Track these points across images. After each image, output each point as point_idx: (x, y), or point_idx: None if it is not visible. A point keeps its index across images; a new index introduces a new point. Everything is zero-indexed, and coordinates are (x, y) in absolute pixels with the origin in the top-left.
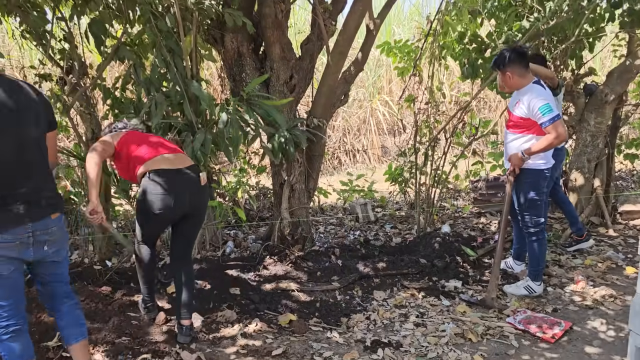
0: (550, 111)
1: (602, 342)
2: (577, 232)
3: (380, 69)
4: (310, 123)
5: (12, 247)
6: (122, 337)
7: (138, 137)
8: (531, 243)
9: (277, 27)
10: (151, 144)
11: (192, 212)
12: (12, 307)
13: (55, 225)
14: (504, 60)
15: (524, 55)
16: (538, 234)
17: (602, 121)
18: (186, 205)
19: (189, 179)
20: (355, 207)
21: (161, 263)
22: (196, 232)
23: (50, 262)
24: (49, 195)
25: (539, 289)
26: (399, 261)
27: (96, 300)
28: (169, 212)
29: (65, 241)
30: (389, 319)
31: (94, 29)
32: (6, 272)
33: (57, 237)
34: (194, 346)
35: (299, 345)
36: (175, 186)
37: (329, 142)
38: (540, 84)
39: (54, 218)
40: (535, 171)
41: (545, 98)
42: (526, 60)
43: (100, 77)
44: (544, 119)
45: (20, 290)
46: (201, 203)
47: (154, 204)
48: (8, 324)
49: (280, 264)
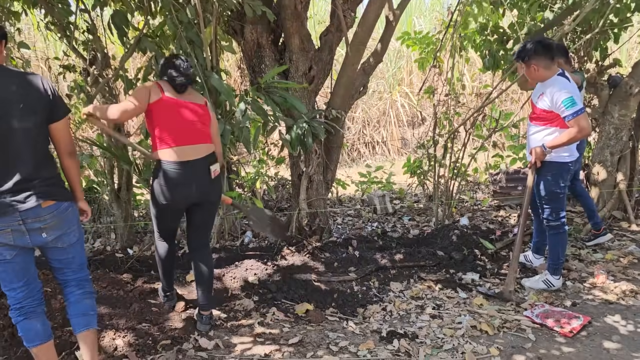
0: (574, 105)
1: (622, 338)
2: (594, 226)
3: (400, 60)
4: (329, 114)
5: (7, 233)
6: (142, 323)
7: (171, 109)
8: (552, 236)
9: (297, 18)
10: (178, 128)
11: (202, 202)
12: (25, 289)
13: (48, 213)
14: (528, 52)
15: (549, 47)
16: (559, 228)
17: (627, 114)
18: (192, 196)
19: (198, 171)
20: (373, 198)
21: (181, 252)
22: (208, 222)
23: (54, 249)
24: (41, 184)
25: (558, 283)
26: (416, 253)
27: (117, 287)
28: (173, 205)
29: (71, 228)
30: (405, 310)
31: (117, 20)
32: (9, 257)
33: (55, 224)
34: (212, 333)
35: (315, 334)
36: (182, 179)
37: (349, 133)
38: (565, 75)
39: (44, 207)
40: (559, 164)
41: (570, 91)
42: (552, 52)
43: (122, 68)
44: (567, 112)
45: (30, 273)
46: (210, 194)
47: (159, 195)
48: (22, 306)
49: (297, 255)
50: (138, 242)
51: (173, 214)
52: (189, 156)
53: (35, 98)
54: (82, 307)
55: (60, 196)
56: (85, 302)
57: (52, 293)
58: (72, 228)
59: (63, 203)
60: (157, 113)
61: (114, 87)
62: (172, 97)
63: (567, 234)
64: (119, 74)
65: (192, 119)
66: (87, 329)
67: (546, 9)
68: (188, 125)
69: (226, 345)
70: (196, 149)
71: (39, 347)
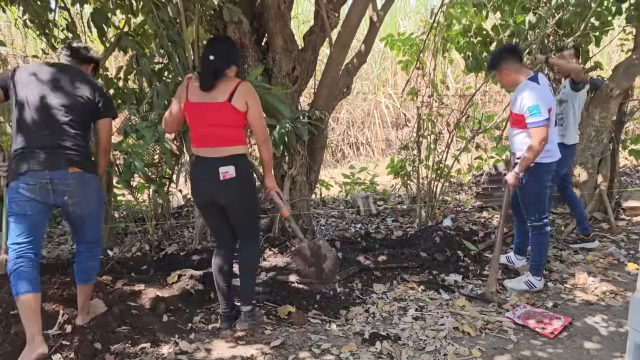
0: (538, 114)
1: (602, 338)
2: (583, 232)
3: (385, 61)
4: (312, 115)
5: (35, 189)
6: (122, 326)
7: (195, 112)
8: (534, 237)
9: (280, 18)
10: (199, 132)
11: (224, 204)
12: (31, 243)
13: (73, 179)
14: (497, 59)
15: (515, 51)
16: (541, 228)
17: (607, 116)
18: (206, 196)
19: (208, 172)
20: (357, 200)
21: (162, 253)
22: (238, 221)
23: (73, 213)
24: (69, 152)
25: (540, 284)
26: (400, 254)
27: (97, 289)
28: (195, 200)
29: (91, 201)
30: (388, 312)
31: (97, 18)
32: (30, 212)
33: (77, 191)
34: (192, 336)
35: (298, 336)
36: (197, 175)
37: (333, 134)
38: (537, 80)
39: (71, 172)
40: (541, 165)
41: (538, 98)
42: (519, 55)
43: (102, 67)
44: (530, 120)
45: (40, 230)
46: (226, 196)
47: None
48: (24, 258)
49: (280, 256)
50: (119, 243)
51: (203, 210)
52: (207, 154)
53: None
54: (86, 265)
55: (88, 168)
56: (89, 263)
57: None
58: (91, 198)
59: (87, 174)
60: (186, 115)
61: None
62: (194, 101)
63: (549, 234)
64: (99, 73)
65: (209, 123)
66: (85, 283)
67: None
68: (207, 128)
69: (207, 348)
70: (212, 151)
71: (25, 295)
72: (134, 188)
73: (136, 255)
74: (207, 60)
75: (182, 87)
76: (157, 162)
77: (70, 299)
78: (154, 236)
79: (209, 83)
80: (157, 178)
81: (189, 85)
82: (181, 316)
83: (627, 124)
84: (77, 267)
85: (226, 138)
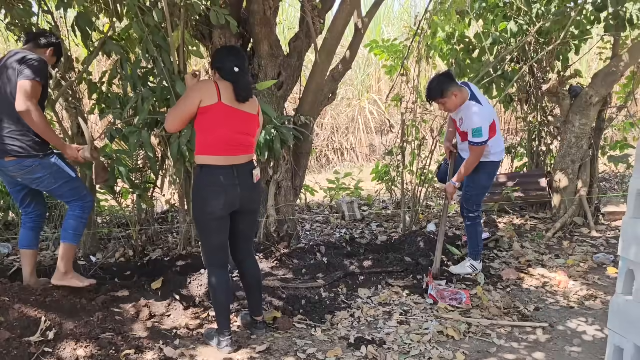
0: (480, 136)
1: (583, 342)
2: None
3: (369, 67)
4: (298, 121)
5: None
6: (105, 332)
7: (229, 117)
8: (470, 227)
9: (266, 24)
10: (228, 137)
11: (248, 209)
12: (25, 211)
13: (12, 166)
14: (443, 86)
15: (451, 75)
16: (476, 219)
17: (587, 123)
18: (233, 206)
19: (241, 178)
20: (342, 205)
21: (146, 259)
22: (252, 228)
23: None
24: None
25: (480, 267)
26: (384, 259)
27: (80, 295)
28: (221, 212)
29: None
30: (373, 317)
31: (81, 22)
32: (12, 190)
33: (25, 176)
34: (177, 342)
35: (283, 341)
36: (225, 183)
37: (318, 140)
38: (476, 97)
39: (7, 160)
40: (493, 163)
41: (482, 119)
42: (454, 78)
43: (86, 72)
44: (473, 139)
45: (25, 202)
46: (257, 199)
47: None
48: (23, 221)
49: (265, 261)
50: (102, 249)
51: (221, 224)
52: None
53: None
54: (64, 223)
55: (23, 154)
56: (67, 221)
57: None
58: (44, 180)
59: (26, 160)
60: (209, 115)
61: (78, 91)
62: (228, 105)
63: (481, 223)
64: (83, 77)
65: (240, 131)
66: (62, 241)
67: (511, 20)
68: (234, 136)
69: (192, 354)
70: (241, 158)
71: (22, 250)
72: (117, 193)
73: (120, 261)
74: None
75: (206, 84)
76: (141, 168)
77: (53, 305)
78: (138, 242)
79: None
80: (142, 183)
81: (219, 86)
82: (166, 322)
83: (606, 130)
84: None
85: (252, 145)
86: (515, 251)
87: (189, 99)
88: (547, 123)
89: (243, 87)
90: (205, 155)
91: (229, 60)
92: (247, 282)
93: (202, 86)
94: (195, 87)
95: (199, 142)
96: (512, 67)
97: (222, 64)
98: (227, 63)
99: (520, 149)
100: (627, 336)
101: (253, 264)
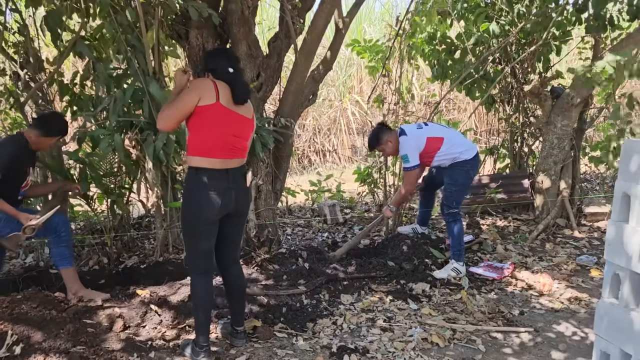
0: (407, 161)
1: (568, 346)
2: None
3: (351, 68)
4: (278, 123)
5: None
6: (77, 345)
7: (226, 118)
8: (451, 224)
9: (244, 23)
10: (223, 140)
11: (240, 213)
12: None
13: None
14: (379, 135)
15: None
16: (457, 215)
17: (569, 124)
18: (227, 209)
19: (236, 182)
20: (324, 208)
21: (121, 266)
22: (240, 232)
23: None
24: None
25: (463, 269)
26: (367, 264)
27: (50, 306)
28: (214, 216)
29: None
30: (355, 324)
31: (50, 22)
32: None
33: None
34: (152, 354)
35: (263, 352)
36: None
37: (299, 141)
38: (404, 132)
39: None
40: (466, 161)
41: (406, 148)
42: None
43: (56, 72)
44: (404, 165)
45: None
46: (248, 203)
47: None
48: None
49: (245, 267)
50: (75, 257)
51: (211, 227)
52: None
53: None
54: (50, 254)
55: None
56: (51, 250)
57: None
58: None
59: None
60: (206, 116)
61: (48, 93)
62: (226, 106)
63: (462, 221)
64: (54, 79)
65: (236, 134)
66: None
67: (492, 20)
68: (229, 139)
69: None
70: (236, 162)
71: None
72: (91, 198)
73: (94, 269)
74: (240, 73)
75: (205, 82)
76: (116, 172)
77: (21, 317)
78: (112, 248)
79: (247, 98)
80: (116, 188)
81: (218, 87)
82: (141, 333)
83: (587, 131)
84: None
85: (245, 149)
86: (498, 254)
87: (187, 96)
88: (529, 124)
89: (241, 88)
90: (202, 157)
91: (222, 61)
92: (231, 290)
93: (201, 84)
94: (194, 84)
95: (194, 144)
96: (494, 67)
97: (216, 65)
98: (220, 64)
99: (502, 150)
100: (613, 341)
101: (238, 271)
